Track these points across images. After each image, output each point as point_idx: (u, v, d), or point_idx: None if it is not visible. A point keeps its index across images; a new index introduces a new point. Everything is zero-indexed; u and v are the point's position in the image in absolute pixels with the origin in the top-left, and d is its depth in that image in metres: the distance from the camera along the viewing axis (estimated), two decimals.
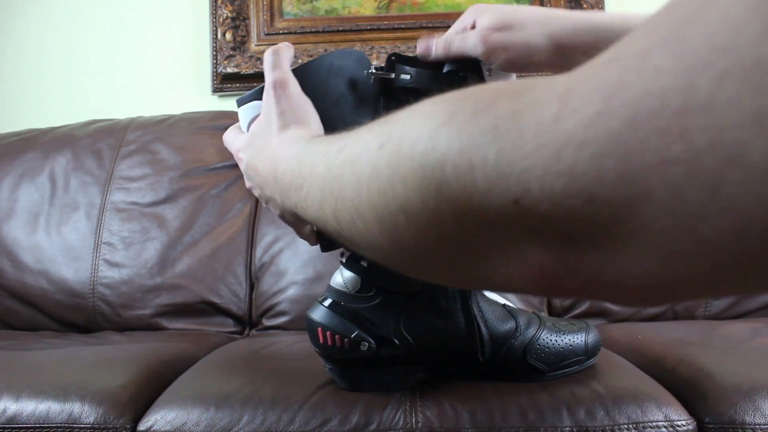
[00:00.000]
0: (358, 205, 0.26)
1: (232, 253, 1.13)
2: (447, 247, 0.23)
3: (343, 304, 0.60)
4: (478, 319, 0.60)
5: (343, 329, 0.58)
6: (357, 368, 0.61)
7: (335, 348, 0.59)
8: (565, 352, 0.62)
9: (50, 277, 1.10)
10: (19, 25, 1.49)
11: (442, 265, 0.25)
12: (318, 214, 0.31)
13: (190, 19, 1.46)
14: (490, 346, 0.60)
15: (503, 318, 0.62)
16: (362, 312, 0.59)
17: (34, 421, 0.62)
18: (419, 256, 0.25)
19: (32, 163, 1.20)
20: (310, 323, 0.61)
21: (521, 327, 0.61)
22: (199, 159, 1.20)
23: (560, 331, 0.63)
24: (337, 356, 0.60)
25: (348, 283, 0.60)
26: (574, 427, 0.56)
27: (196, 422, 0.59)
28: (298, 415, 0.58)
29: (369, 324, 0.59)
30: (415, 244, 0.25)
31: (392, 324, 0.59)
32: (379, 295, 0.59)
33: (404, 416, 0.58)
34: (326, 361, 0.62)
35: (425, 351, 0.60)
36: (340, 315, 0.59)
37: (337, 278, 0.61)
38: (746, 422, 0.57)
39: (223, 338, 1.03)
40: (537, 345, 0.61)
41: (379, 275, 0.58)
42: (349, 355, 0.59)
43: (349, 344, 0.58)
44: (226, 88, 1.43)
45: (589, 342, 0.64)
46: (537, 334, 0.62)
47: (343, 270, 0.61)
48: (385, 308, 0.59)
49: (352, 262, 0.60)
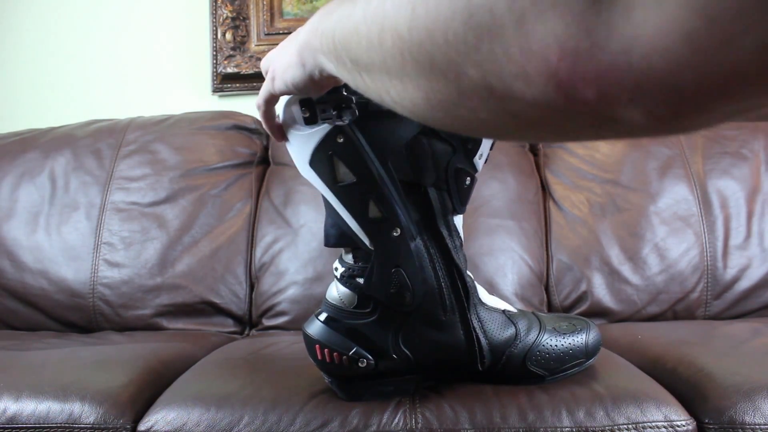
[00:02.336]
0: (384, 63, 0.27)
1: (232, 253, 1.13)
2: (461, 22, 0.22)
3: (339, 319, 0.59)
4: (477, 330, 0.59)
5: (341, 346, 0.57)
6: (357, 381, 0.60)
7: (333, 364, 0.58)
8: (566, 356, 0.62)
9: (50, 277, 1.10)
10: (19, 25, 1.49)
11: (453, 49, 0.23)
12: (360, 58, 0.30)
13: (190, 19, 1.46)
14: (490, 356, 0.60)
15: (503, 326, 0.61)
16: (360, 328, 0.58)
17: (34, 421, 0.62)
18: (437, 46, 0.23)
19: (32, 163, 1.20)
20: (307, 339, 0.60)
21: (521, 333, 0.61)
22: (199, 159, 1.20)
23: (561, 334, 0.62)
24: (335, 372, 0.59)
25: (344, 298, 0.59)
26: (574, 428, 0.56)
27: (196, 422, 0.59)
28: (298, 416, 0.58)
29: (367, 340, 0.58)
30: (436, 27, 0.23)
31: (390, 339, 0.58)
32: (376, 311, 0.58)
33: (404, 417, 0.58)
34: (326, 375, 0.62)
35: (424, 364, 0.59)
36: (337, 331, 0.58)
37: (333, 292, 0.60)
38: (746, 422, 0.57)
39: (223, 338, 1.03)
40: (537, 351, 0.60)
41: (376, 292, 0.57)
42: (347, 372, 0.58)
43: (347, 361, 0.57)
44: (226, 88, 1.43)
45: (590, 342, 0.63)
46: (538, 339, 0.61)
47: (338, 285, 0.60)
48: (383, 324, 0.58)
49: (347, 278, 0.59)
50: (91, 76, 1.47)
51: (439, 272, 0.57)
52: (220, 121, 1.26)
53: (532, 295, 1.07)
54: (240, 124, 1.26)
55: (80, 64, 1.48)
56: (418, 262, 0.56)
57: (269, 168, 1.26)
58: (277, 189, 1.18)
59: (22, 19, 1.49)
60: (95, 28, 1.48)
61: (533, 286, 1.07)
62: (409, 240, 0.56)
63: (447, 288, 0.58)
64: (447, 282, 0.58)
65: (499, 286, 1.05)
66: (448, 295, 0.58)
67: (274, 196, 1.18)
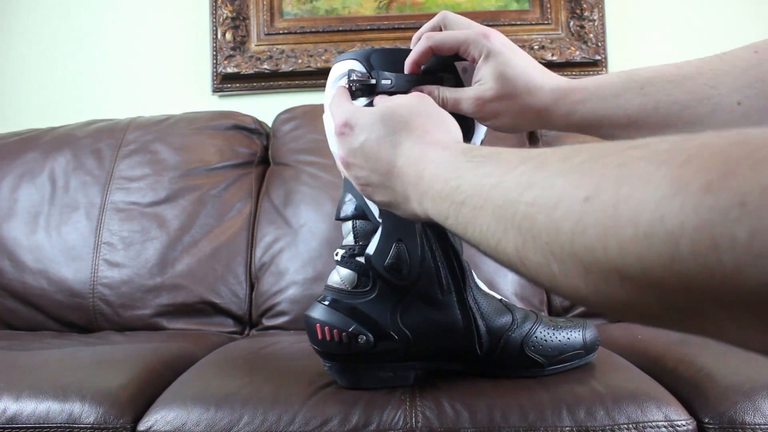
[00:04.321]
0: (557, 252, 0.26)
1: (232, 253, 1.13)
2: (669, 310, 0.22)
3: (340, 300, 0.61)
4: (474, 311, 0.61)
5: (341, 324, 0.59)
6: (355, 364, 0.61)
7: (333, 343, 0.60)
8: (564, 345, 0.63)
9: (50, 277, 1.10)
10: (20, 25, 1.49)
11: (655, 318, 0.24)
12: (485, 239, 0.31)
13: (190, 19, 1.46)
14: (488, 339, 0.61)
15: (499, 311, 0.62)
16: (360, 307, 0.60)
17: (34, 421, 0.62)
18: (630, 309, 0.24)
19: (32, 163, 1.20)
20: (308, 321, 0.61)
21: (518, 320, 0.62)
22: (199, 159, 1.20)
23: (557, 327, 0.64)
24: (335, 351, 0.60)
25: (345, 280, 0.61)
26: (574, 427, 0.56)
27: (196, 422, 0.59)
28: (298, 415, 0.58)
29: (366, 318, 0.59)
30: (627, 300, 0.23)
31: (389, 318, 0.60)
32: (375, 289, 0.60)
33: (404, 416, 0.58)
34: (325, 359, 0.62)
35: (423, 346, 0.60)
36: (338, 311, 0.60)
37: (334, 277, 0.62)
38: (746, 422, 0.57)
39: (223, 338, 1.03)
40: (534, 337, 0.62)
41: (376, 261, 0.59)
42: (347, 350, 0.59)
43: (347, 338, 0.59)
44: (226, 88, 1.43)
45: (587, 337, 0.65)
46: (534, 328, 0.62)
47: (340, 269, 0.62)
48: (382, 301, 0.60)
49: (347, 258, 0.61)
50: (91, 76, 1.47)
51: (436, 252, 0.60)
52: (220, 121, 1.26)
53: (532, 295, 1.07)
54: (240, 124, 1.27)
55: (80, 64, 1.48)
56: (418, 239, 0.59)
57: (269, 168, 1.26)
58: (277, 189, 1.18)
59: (23, 19, 1.49)
60: (95, 28, 1.48)
61: (533, 287, 1.07)
62: None
63: (444, 268, 0.60)
64: (444, 262, 0.60)
65: (500, 286, 1.05)
66: (444, 275, 0.60)
67: (274, 196, 1.18)
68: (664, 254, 0.20)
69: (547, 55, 1.38)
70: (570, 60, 1.38)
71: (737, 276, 0.18)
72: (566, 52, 1.39)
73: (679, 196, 0.20)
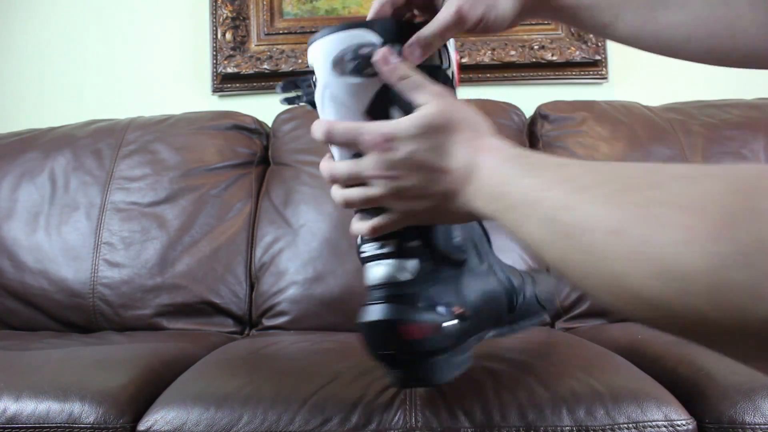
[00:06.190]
0: (590, 272, 0.30)
1: (232, 253, 1.13)
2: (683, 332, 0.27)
3: (405, 293, 0.52)
4: (501, 275, 0.62)
5: (428, 316, 0.52)
6: (429, 358, 0.53)
7: (416, 341, 0.51)
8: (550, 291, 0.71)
9: (50, 277, 1.10)
10: (20, 25, 1.49)
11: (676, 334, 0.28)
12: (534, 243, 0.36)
13: (190, 19, 1.46)
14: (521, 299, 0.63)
15: (511, 271, 0.65)
16: (432, 293, 0.53)
17: (34, 421, 0.62)
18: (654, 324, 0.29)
19: (32, 163, 1.20)
20: (379, 326, 0.52)
21: (524, 276, 0.66)
22: (199, 159, 1.20)
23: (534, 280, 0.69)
24: (418, 348, 0.52)
25: (410, 270, 0.53)
26: (574, 427, 0.56)
27: (196, 422, 0.59)
28: (298, 414, 0.58)
29: (440, 302, 0.53)
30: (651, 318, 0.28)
31: (456, 297, 0.55)
32: (439, 271, 0.54)
33: (404, 416, 0.58)
34: (393, 363, 0.55)
35: (478, 319, 0.57)
36: (410, 305, 0.52)
37: (378, 273, 0.54)
38: (746, 422, 0.57)
39: (223, 338, 1.03)
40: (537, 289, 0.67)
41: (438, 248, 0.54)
42: (432, 344, 0.52)
43: (436, 330, 0.52)
44: (226, 88, 1.43)
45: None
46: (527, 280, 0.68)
47: (384, 262, 0.54)
48: (449, 283, 0.55)
49: (402, 249, 0.53)
50: (92, 76, 1.47)
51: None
52: (220, 121, 1.26)
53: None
54: (240, 124, 1.27)
55: (80, 64, 1.48)
56: None
57: (269, 168, 1.26)
58: (277, 189, 1.18)
59: (23, 19, 1.49)
60: (95, 28, 1.48)
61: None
62: None
63: (479, 236, 0.61)
64: (478, 230, 0.61)
65: None
66: (480, 241, 0.61)
67: (274, 196, 1.18)
68: (680, 290, 0.24)
69: (547, 55, 1.38)
70: (570, 60, 1.38)
71: (743, 314, 0.22)
72: (566, 52, 1.39)
73: (690, 243, 0.24)
